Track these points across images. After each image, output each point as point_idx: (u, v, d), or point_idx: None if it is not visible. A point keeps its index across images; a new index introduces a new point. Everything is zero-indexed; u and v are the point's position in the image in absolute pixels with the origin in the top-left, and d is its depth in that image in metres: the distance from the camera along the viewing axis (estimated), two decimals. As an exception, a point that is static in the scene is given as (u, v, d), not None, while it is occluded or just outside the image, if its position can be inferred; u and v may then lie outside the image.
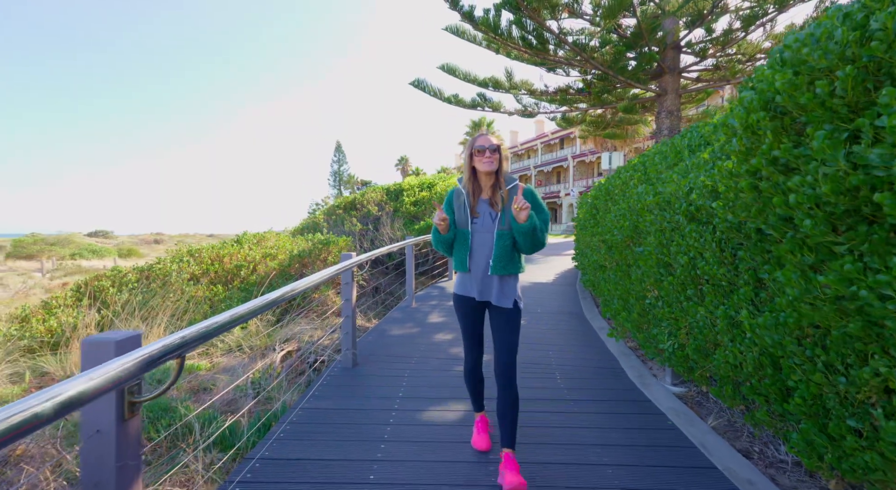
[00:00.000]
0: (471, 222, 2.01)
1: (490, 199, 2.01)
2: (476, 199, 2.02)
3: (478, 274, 2.00)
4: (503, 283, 2.00)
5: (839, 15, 1.44)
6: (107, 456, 1.10)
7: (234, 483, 1.95)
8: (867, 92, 1.32)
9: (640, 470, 2.09)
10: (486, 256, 1.99)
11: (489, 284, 2.00)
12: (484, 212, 2.01)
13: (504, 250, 1.95)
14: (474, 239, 2.01)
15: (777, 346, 1.80)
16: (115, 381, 1.03)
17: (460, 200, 2.05)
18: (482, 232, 2.00)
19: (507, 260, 1.97)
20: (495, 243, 1.96)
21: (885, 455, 1.39)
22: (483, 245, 1.99)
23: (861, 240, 1.37)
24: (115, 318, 4.40)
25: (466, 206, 2.02)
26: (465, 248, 2.02)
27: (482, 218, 2.01)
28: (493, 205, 2.00)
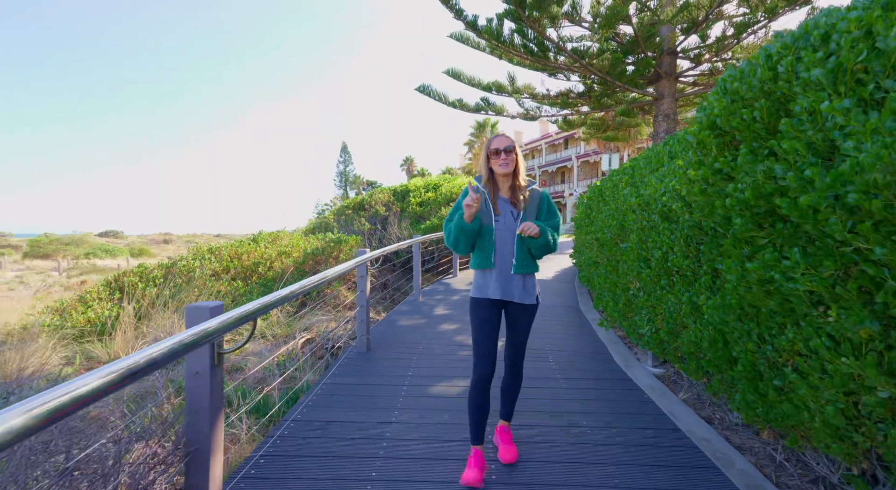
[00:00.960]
0: (494, 220, 2.01)
1: (510, 199, 2.03)
2: (495, 197, 2.04)
3: (502, 272, 2.00)
4: (526, 280, 2.04)
5: (763, 56, 1.81)
6: (203, 391, 1.51)
7: (275, 437, 2.36)
8: (778, 119, 1.69)
9: (615, 430, 2.47)
10: (510, 255, 2.00)
11: (513, 283, 2.01)
12: (505, 210, 2.02)
13: (526, 251, 2.00)
14: (497, 236, 2.00)
15: (724, 323, 2.18)
16: (210, 335, 1.43)
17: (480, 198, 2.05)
18: (505, 230, 2.00)
19: (529, 259, 2.02)
20: (517, 244, 1.98)
21: (794, 403, 1.76)
22: (506, 243, 1.99)
23: (777, 235, 1.75)
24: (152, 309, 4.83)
25: (488, 204, 2.02)
26: (489, 245, 2.00)
27: (503, 216, 2.01)
28: (514, 204, 2.01)
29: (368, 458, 2.16)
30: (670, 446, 2.31)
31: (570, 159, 39.12)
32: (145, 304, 5.07)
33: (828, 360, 1.54)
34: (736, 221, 1.88)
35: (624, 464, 2.13)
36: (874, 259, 1.28)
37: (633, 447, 2.29)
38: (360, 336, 3.89)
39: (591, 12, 8.02)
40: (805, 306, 1.63)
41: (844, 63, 1.41)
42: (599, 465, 2.12)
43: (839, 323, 1.44)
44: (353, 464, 2.11)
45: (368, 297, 3.90)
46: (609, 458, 2.18)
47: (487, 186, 2.03)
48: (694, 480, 2.00)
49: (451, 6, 8.16)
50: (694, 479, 2.00)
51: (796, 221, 1.60)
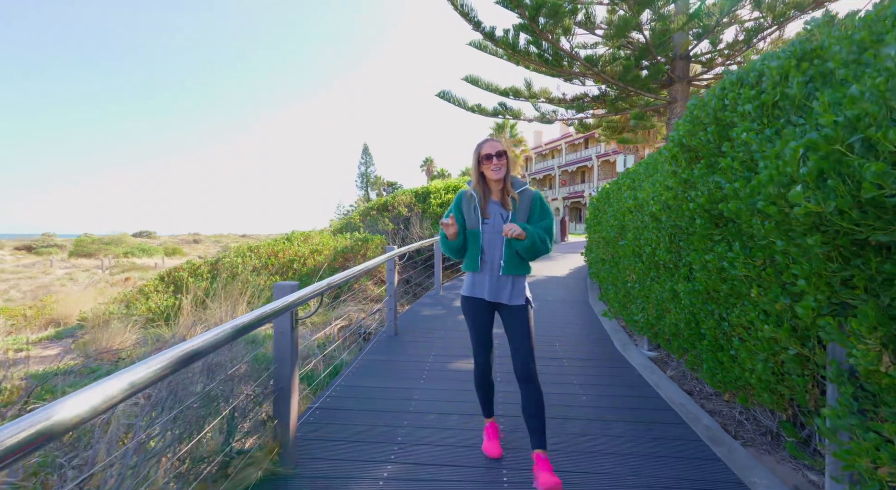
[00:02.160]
0: (481, 223, 2.04)
1: (501, 201, 2.06)
2: (486, 202, 2.06)
3: (490, 274, 2.03)
4: (515, 282, 2.03)
5: (718, 88, 2.26)
6: (285, 346, 2.07)
7: (325, 396, 2.92)
8: (723, 141, 2.14)
9: (606, 398, 2.93)
10: (498, 257, 2.01)
11: (502, 284, 2.02)
12: (495, 213, 2.04)
13: (514, 253, 2.00)
14: (485, 239, 2.03)
15: (694, 305, 2.61)
16: (290, 305, 1.98)
17: (470, 203, 2.09)
18: (493, 233, 2.02)
19: (517, 260, 2.01)
20: (505, 246, 2.00)
21: (740, 366, 2.19)
22: (494, 245, 2.02)
23: (728, 232, 2.19)
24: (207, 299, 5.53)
25: (477, 208, 2.05)
26: (476, 247, 2.04)
27: (493, 219, 2.04)
28: (504, 205, 2.05)
29: (401, 412, 2.69)
30: (651, 409, 2.76)
31: (590, 159, 39.00)
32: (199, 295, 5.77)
33: (759, 328, 1.98)
34: (697, 222, 2.33)
35: (610, 420, 2.59)
36: (779, 250, 1.73)
37: (619, 409, 2.75)
38: (389, 322, 4.44)
39: (604, 21, 8.38)
40: (745, 288, 2.07)
41: (766, 101, 1.87)
42: (588, 421, 2.59)
43: (760, 299, 1.89)
44: (389, 416, 2.64)
45: (396, 287, 4.45)
46: (597, 416, 2.65)
47: (478, 190, 2.05)
48: (668, 433, 2.45)
49: (470, 18, 8.66)
50: (667, 433, 2.45)
51: (738, 222, 2.05)
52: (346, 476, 2.01)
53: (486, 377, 2.18)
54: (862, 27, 1.59)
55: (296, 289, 2.12)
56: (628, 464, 2.13)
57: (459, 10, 8.47)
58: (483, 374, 2.18)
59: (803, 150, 1.45)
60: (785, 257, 1.76)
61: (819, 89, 1.70)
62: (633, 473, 2.05)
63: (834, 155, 1.36)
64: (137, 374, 1.02)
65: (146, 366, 1.07)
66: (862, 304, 1.46)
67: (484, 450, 2.19)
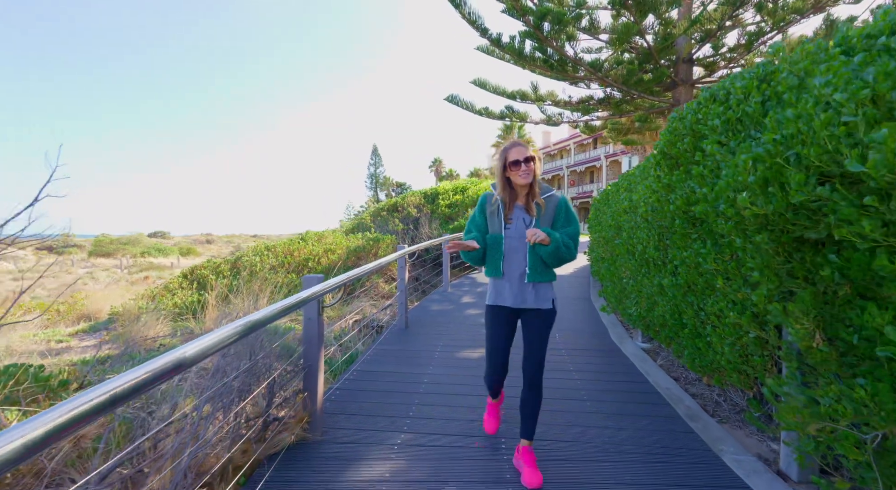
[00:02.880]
0: (504, 228, 1.98)
1: (525, 205, 1.99)
2: (511, 206, 2.00)
3: (513, 280, 1.97)
4: (538, 288, 1.99)
5: (695, 103, 2.53)
6: (312, 330, 2.39)
7: (343, 379, 3.24)
8: (696, 150, 2.41)
9: (599, 383, 3.21)
10: (521, 263, 1.96)
11: (526, 291, 1.97)
12: (518, 217, 1.98)
13: (538, 259, 1.93)
14: (507, 245, 1.97)
15: (676, 298, 2.89)
16: (317, 294, 2.31)
17: (494, 206, 2.02)
18: (515, 238, 1.96)
19: (542, 267, 1.95)
20: (529, 252, 1.93)
21: (714, 351, 2.46)
22: (517, 251, 1.96)
23: (703, 231, 2.47)
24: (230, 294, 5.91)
25: (500, 213, 1.99)
26: (498, 253, 1.97)
27: (516, 224, 1.97)
28: (528, 210, 1.98)
29: (412, 393, 3.00)
30: (640, 392, 3.04)
31: (598, 159, 39.00)
32: (223, 291, 6.16)
33: (726, 315, 2.26)
34: (677, 222, 2.61)
35: (601, 401, 2.88)
36: (738, 246, 2.01)
37: (610, 392, 3.03)
38: (400, 315, 4.77)
39: (608, 27, 8.62)
40: (716, 281, 2.35)
41: (731, 117, 2.15)
42: (582, 401, 2.88)
43: (725, 289, 2.17)
44: (401, 396, 2.96)
45: (407, 283, 4.77)
46: (588, 397, 2.93)
47: (503, 196, 1.99)
48: (652, 412, 2.72)
49: (478, 26, 8.96)
50: (652, 411, 2.73)
51: (707, 222, 2.33)
52: (366, 442, 2.33)
53: (498, 381, 2.18)
54: (805, 56, 1.87)
55: (322, 280, 2.44)
56: (614, 436, 2.42)
57: (467, 17, 8.78)
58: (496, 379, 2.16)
59: (752, 161, 1.74)
60: (743, 252, 2.04)
61: (773, 108, 1.98)
62: (616, 443, 2.34)
63: (775, 166, 1.65)
64: (225, 332, 1.37)
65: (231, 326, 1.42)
66: (801, 291, 1.74)
67: (484, 424, 2.42)
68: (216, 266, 8.09)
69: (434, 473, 2.05)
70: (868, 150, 1.27)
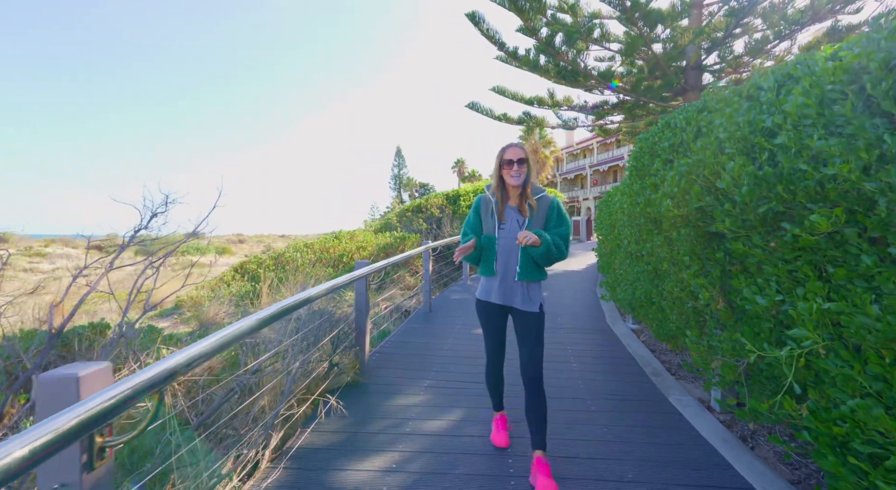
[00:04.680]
0: (497, 228, 2.03)
1: (518, 207, 2.05)
2: (504, 206, 2.06)
3: (504, 278, 2.03)
4: (529, 288, 2.03)
5: (655, 128, 3.23)
6: (362, 301, 3.24)
7: (378, 347, 4.08)
8: (653, 166, 3.11)
9: (587, 352, 3.93)
10: (514, 262, 2.01)
11: (515, 289, 2.02)
12: (511, 217, 2.04)
13: (529, 259, 1.98)
14: (500, 244, 2.02)
15: (649, 282, 3.57)
16: (366, 274, 3.15)
17: (488, 207, 2.10)
18: (508, 238, 2.01)
19: (533, 266, 1.99)
20: (521, 252, 1.98)
21: (671, 322, 3.14)
22: (509, 250, 2.01)
23: (658, 228, 3.17)
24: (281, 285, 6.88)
25: (494, 213, 2.06)
26: (491, 253, 2.03)
27: (509, 223, 2.03)
28: (521, 211, 2.04)
29: (435, 356, 3.81)
30: (619, 358, 3.75)
31: (622, 158, 38.84)
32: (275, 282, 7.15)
33: (673, 291, 2.95)
34: (642, 221, 3.32)
35: (586, 363, 3.60)
36: (675, 238, 2.71)
37: (595, 358, 3.75)
38: (425, 301, 5.59)
39: (617, 38, 9.20)
40: (672, 269, 3.05)
41: (675, 141, 2.86)
42: (569, 363, 3.61)
43: (671, 271, 2.87)
44: (426, 357, 3.77)
45: (431, 274, 5.59)
46: (576, 362, 3.66)
47: (496, 194, 2.06)
48: (624, 370, 3.44)
49: (495, 41, 9.71)
50: (624, 370, 3.44)
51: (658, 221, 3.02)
52: (402, 384, 3.15)
53: (496, 376, 2.23)
54: (720, 99, 2.56)
55: (368, 264, 3.28)
56: (590, 387, 3.15)
57: (485, 33, 9.53)
58: (494, 374, 2.22)
59: (677, 176, 2.47)
60: (678, 243, 2.75)
61: (699, 137, 2.68)
62: (591, 390, 3.07)
63: (688, 181, 2.37)
64: (316, 290, 2.20)
65: (325, 285, 2.26)
66: (713, 268, 2.45)
67: (492, 440, 2.23)
68: (262, 261, 9.15)
69: (451, 402, 2.84)
70: (726, 173, 2.00)
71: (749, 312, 2.11)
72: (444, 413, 2.69)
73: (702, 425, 2.52)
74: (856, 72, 1.58)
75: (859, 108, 1.52)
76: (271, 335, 3.00)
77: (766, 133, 1.96)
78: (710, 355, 2.32)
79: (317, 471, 2.05)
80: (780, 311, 1.88)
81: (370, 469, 2.07)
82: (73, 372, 0.90)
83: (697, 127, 2.72)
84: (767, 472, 2.02)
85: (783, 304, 1.84)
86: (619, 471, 2.06)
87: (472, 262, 2.12)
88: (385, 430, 2.47)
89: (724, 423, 2.57)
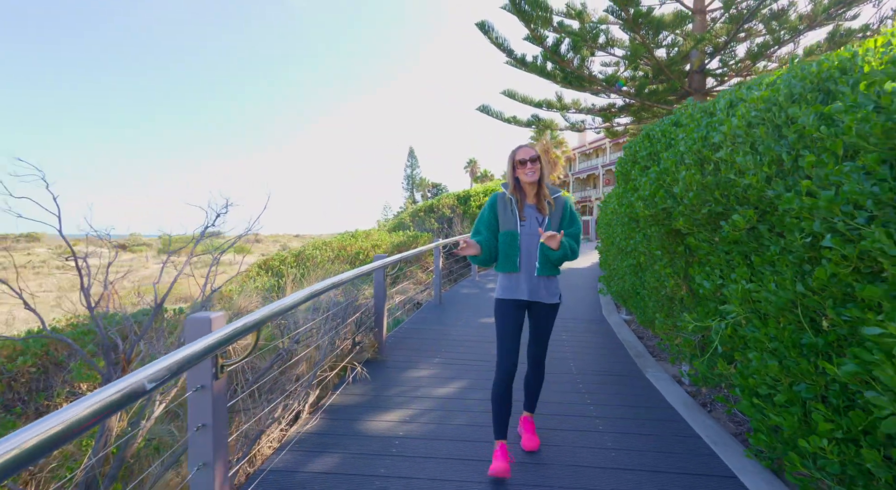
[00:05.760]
0: (520, 225, 2.08)
1: (537, 205, 2.12)
2: (522, 205, 2.11)
3: (527, 274, 2.08)
4: (549, 282, 2.13)
5: (643, 135, 3.66)
6: (381, 290, 3.75)
7: (393, 333, 4.59)
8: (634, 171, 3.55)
9: (580, 339, 4.37)
10: (534, 258, 2.08)
11: (539, 285, 2.09)
12: (531, 216, 2.10)
13: (548, 255, 2.05)
14: (523, 241, 2.07)
15: (633, 275, 4.00)
16: (384, 266, 3.65)
17: (506, 205, 2.14)
18: (530, 235, 2.08)
19: (550, 263, 2.08)
20: (540, 249, 2.06)
21: (648, 308, 3.57)
22: (531, 247, 2.08)
23: (638, 226, 3.61)
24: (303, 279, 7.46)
25: (515, 211, 2.10)
26: (515, 250, 2.07)
27: (529, 221, 2.09)
28: (540, 210, 2.10)
29: (444, 340, 4.29)
30: (608, 343, 4.18)
31: (633, 158, 38.79)
32: (297, 277, 7.73)
33: (650, 281, 3.39)
34: (626, 220, 3.75)
35: (579, 347, 4.05)
36: (649, 235, 3.14)
37: (586, 343, 4.20)
38: (436, 294, 6.09)
39: (621, 45, 9.56)
40: (648, 262, 3.48)
41: (651, 151, 3.30)
42: (562, 346, 4.06)
43: (646, 264, 3.30)
44: (436, 343, 4.25)
45: (441, 270, 6.08)
46: (570, 347, 4.11)
47: (514, 194, 2.12)
48: (611, 353, 3.87)
49: (504, 48, 10.15)
50: (611, 352, 3.88)
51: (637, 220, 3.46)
52: (414, 361, 3.64)
53: (507, 386, 2.04)
54: (687, 115, 2.99)
55: (385, 257, 3.79)
56: (579, 366, 3.60)
57: (494, 41, 9.98)
58: (504, 383, 2.04)
59: (648, 182, 2.91)
60: (652, 239, 3.19)
61: (668, 148, 3.11)
62: (580, 368, 3.52)
63: (656, 186, 2.81)
64: (347, 274, 2.71)
65: (352, 272, 2.77)
66: (678, 260, 2.89)
67: (491, 472, 1.94)
68: (283, 258, 9.76)
69: (457, 375, 3.33)
70: (680, 180, 2.44)
71: (700, 295, 2.55)
72: (451, 383, 3.18)
73: (670, 394, 2.95)
74: (770, 102, 2.01)
75: (769, 132, 1.96)
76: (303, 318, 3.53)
77: (713, 148, 2.39)
78: (674, 333, 2.75)
79: (346, 421, 2.56)
80: (721, 293, 2.31)
81: (388, 420, 2.57)
82: (206, 315, 1.41)
83: (668, 139, 3.15)
84: (713, 425, 2.46)
85: (722, 286, 2.28)
86: (593, 425, 2.51)
87: (478, 262, 2.16)
88: (401, 394, 2.97)
89: (690, 394, 3.00)
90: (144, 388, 0.94)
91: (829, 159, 1.53)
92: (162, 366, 1.06)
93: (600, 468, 2.08)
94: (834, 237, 1.44)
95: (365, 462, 2.13)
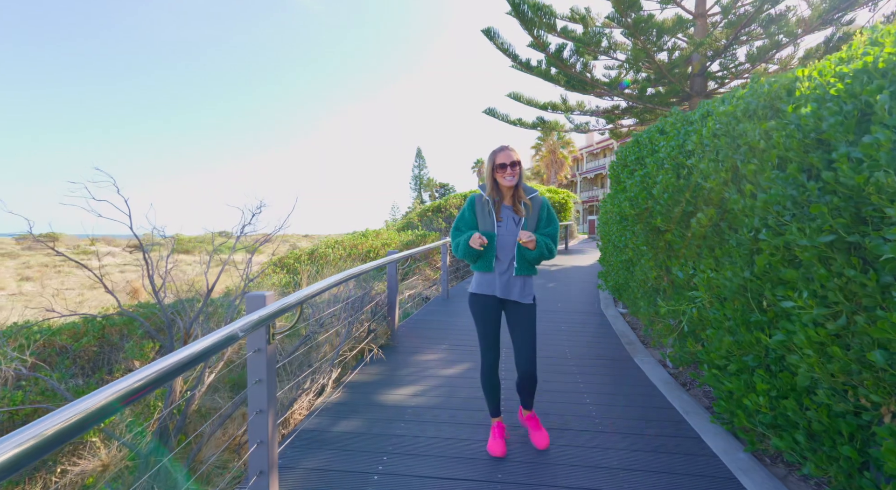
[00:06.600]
0: (496, 226, 2.12)
1: (513, 206, 2.16)
2: (499, 206, 2.15)
3: (502, 274, 2.13)
4: (525, 282, 2.16)
5: (633, 141, 3.99)
6: (393, 281, 4.12)
7: (405, 323, 4.96)
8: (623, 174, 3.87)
9: (577, 329, 4.70)
10: (510, 258, 2.11)
11: (513, 283, 2.13)
12: (507, 217, 2.14)
13: (525, 255, 2.09)
14: (499, 241, 2.11)
15: (624, 269, 4.32)
16: (396, 260, 4.03)
17: (484, 206, 2.17)
18: (507, 235, 2.11)
19: (528, 263, 2.12)
20: (517, 249, 2.10)
21: (634, 295, 3.89)
22: (507, 247, 2.11)
23: (629, 224, 3.94)
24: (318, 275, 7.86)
25: (492, 212, 2.13)
26: (490, 249, 2.11)
27: (505, 222, 2.13)
28: (516, 211, 2.14)
29: (451, 330, 4.65)
30: (603, 333, 4.51)
31: (641, 157, 38.76)
32: (312, 273, 8.15)
33: (638, 273, 3.71)
34: (617, 218, 4.08)
35: (575, 337, 4.39)
36: (636, 232, 3.47)
37: (582, 333, 4.53)
38: (443, 289, 6.45)
39: (623, 49, 9.84)
40: (636, 256, 3.81)
41: (639, 155, 3.63)
42: (560, 336, 4.40)
43: (633, 257, 3.63)
44: (442, 333, 4.62)
45: (448, 266, 6.45)
46: (567, 336, 4.45)
47: (492, 195, 2.14)
48: (605, 342, 4.20)
49: (509, 54, 10.48)
50: (605, 342, 4.21)
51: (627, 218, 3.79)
52: (423, 347, 4.01)
53: (493, 374, 2.20)
54: (671, 125, 3.31)
55: (396, 252, 4.16)
56: (574, 352, 3.94)
57: (500, 47, 10.32)
58: (490, 371, 2.19)
59: (635, 184, 3.25)
60: (638, 235, 3.51)
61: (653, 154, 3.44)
62: (576, 354, 3.86)
63: (641, 188, 3.15)
64: (367, 265, 3.08)
65: (371, 264, 3.14)
66: (660, 254, 3.21)
67: (489, 449, 2.18)
68: (298, 256, 10.19)
69: (462, 359, 3.69)
70: (658, 183, 2.77)
71: (677, 284, 2.88)
72: (456, 365, 3.54)
73: (654, 375, 3.28)
74: (731, 116, 2.34)
75: (729, 143, 2.29)
76: (324, 307, 3.91)
77: (687, 155, 2.73)
78: (657, 320, 3.08)
79: (365, 394, 2.93)
80: (693, 282, 2.64)
81: (401, 394, 2.94)
82: (262, 293, 1.79)
83: (653, 146, 3.48)
84: (687, 399, 2.79)
85: (693, 276, 2.61)
86: (583, 400, 2.86)
87: (469, 258, 2.17)
88: (412, 373, 3.34)
89: (672, 375, 3.32)
90: (237, 335, 1.31)
91: (766, 167, 1.86)
92: (248, 320, 1.44)
93: (583, 431, 2.42)
94: (767, 232, 1.77)
95: (382, 425, 2.50)
